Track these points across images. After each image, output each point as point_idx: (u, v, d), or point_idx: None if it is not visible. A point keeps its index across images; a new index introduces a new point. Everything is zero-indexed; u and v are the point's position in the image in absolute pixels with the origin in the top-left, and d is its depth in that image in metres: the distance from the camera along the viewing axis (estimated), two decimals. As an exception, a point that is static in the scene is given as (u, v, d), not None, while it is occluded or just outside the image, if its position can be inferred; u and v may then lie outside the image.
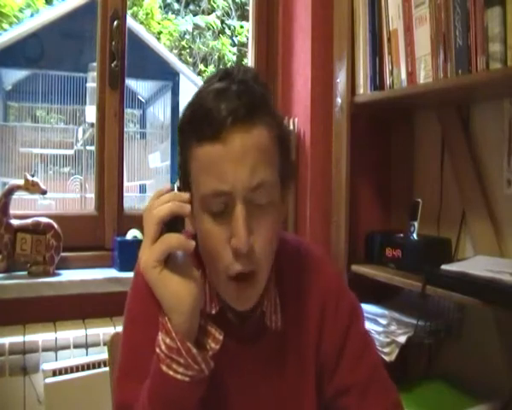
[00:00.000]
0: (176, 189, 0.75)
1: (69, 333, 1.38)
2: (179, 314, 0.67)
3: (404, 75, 1.30)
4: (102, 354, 1.33)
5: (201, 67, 8.96)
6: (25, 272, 1.44)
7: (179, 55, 8.78)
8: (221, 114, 0.68)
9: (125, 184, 1.86)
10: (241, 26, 8.98)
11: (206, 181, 0.70)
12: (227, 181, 0.69)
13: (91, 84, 5.13)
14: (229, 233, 0.70)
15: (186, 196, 0.70)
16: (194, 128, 0.71)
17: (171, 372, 0.67)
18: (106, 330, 1.40)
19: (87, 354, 1.37)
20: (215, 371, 0.78)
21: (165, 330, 0.68)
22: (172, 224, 0.68)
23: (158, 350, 0.68)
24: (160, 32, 8.72)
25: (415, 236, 1.37)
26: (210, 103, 0.70)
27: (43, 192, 1.48)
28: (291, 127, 1.65)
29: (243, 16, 8.94)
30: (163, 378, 0.67)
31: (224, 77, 0.73)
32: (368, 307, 1.39)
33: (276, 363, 0.82)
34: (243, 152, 0.69)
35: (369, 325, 1.36)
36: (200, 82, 7.62)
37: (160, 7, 9.06)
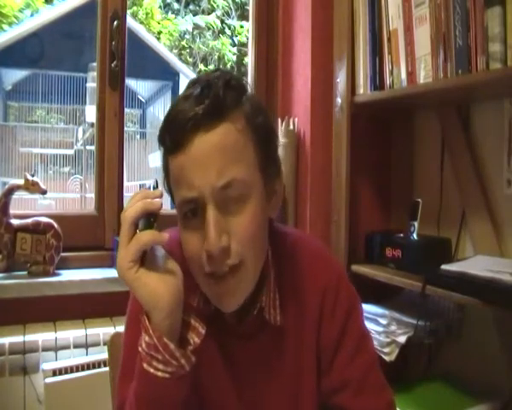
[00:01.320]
0: (151, 188, 0.74)
1: (69, 333, 1.38)
2: (159, 311, 0.67)
3: (404, 75, 1.30)
4: (102, 354, 1.34)
5: (201, 66, 8.95)
6: (25, 272, 1.44)
7: (179, 55, 8.78)
8: (182, 122, 0.68)
9: (125, 184, 1.86)
10: (241, 26, 8.98)
11: (177, 191, 0.72)
12: (193, 187, 0.69)
13: (91, 84, 5.13)
14: (203, 238, 0.69)
15: (158, 192, 0.70)
16: (163, 143, 0.73)
17: (151, 370, 0.67)
18: (106, 330, 1.40)
19: (87, 354, 1.37)
20: (215, 369, 0.78)
21: (144, 329, 0.68)
22: (147, 222, 0.68)
23: (140, 349, 0.68)
24: (159, 32, 8.72)
25: (415, 236, 1.37)
26: (174, 113, 0.70)
27: (43, 192, 1.48)
28: (291, 127, 1.66)
29: (243, 16, 8.94)
30: (145, 376, 0.68)
31: (192, 84, 0.72)
32: (368, 307, 1.39)
33: (275, 358, 0.82)
34: (204, 155, 0.68)
35: (369, 325, 1.35)
36: (200, 82, 7.62)
37: (160, 7, 9.06)
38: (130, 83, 6.64)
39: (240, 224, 0.70)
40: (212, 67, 8.83)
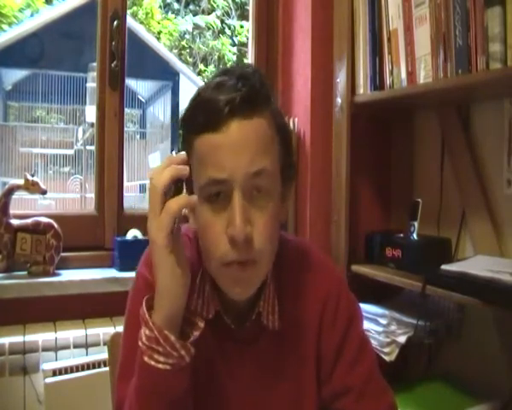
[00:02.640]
0: (174, 154, 0.74)
1: (69, 333, 1.37)
2: (169, 297, 0.68)
3: (404, 75, 1.30)
4: (102, 354, 1.33)
5: (201, 66, 8.96)
6: (25, 272, 1.44)
7: (179, 55, 8.78)
8: (219, 104, 0.69)
9: (125, 184, 1.86)
10: (241, 26, 8.98)
11: (203, 170, 0.71)
12: (224, 169, 0.69)
13: (91, 84, 5.12)
14: (226, 222, 0.70)
15: (182, 155, 0.70)
16: (193, 121, 0.72)
17: (152, 362, 0.67)
18: (106, 330, 1.40)
19: (87, 354, 1.37)
20: (214, 373, 0.78)
21: (144, 322, 0.68)
22: (176, 188, 0.68)
23: (140, 343, 0.69)
24: (159, 32, 8.72)
25: (415, 236, 1.37)
26: (208, 95, 0.71)
27: (43, 192, 1.48)
28: (291, 127, 1.65)
29: (243, 16, 8.94)
30: (146, 370, 0.68)
31: (224, 73, 0.74)
32: (368, 307, 1.39)
33: (275, 364, 0.82)
34: (242, 140, 0.70)
35: (369, 325, 1.36)
36: (200, 82, 7.64)
37: (160, 7, 9.06)
38: (131, 83, 6.63)
39: (262, 218, 0.71)
40: (212, 67, 8.83)
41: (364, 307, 1.36)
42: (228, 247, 0.70)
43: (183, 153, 0.71)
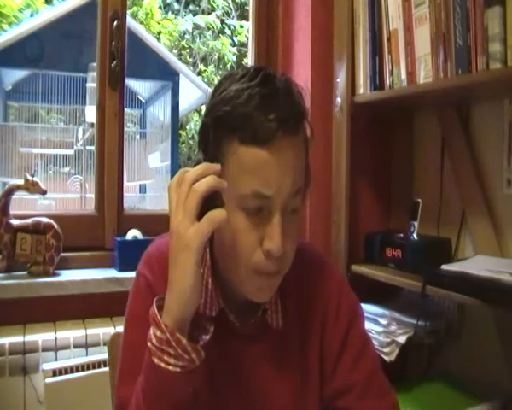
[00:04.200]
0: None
1: (69, 333, 1.38)
2: (183, 302, 0.68)
3: (404, 75, 1.30)
4: (102, 354, 1.33)
5: (201, 67, 8.95)
6: (25, 272, 1.44)
7: (179, 55, 8.77)
8: (272, 124, 0.69)
9: (125, 184, 1.86)
10: (241, 26, 8.98)
11: (247, 181, 0.70)
12: (271, 186, 0.70)
13: (91, 84, 5.11)
14: (262, 234, 0.72)
15: (217, 166, 0.69)
16: (237, 128, 0.70)
17: (162, 364, 0.67)
18: (106, 330, 1.40)
19: (87, 354, 1.37)
20: (217, 370, 0.78)
21: (155, 323, 0.68)
22: (210, 200, 0.68)
23: (149, 344, 0.68)
24: (159, 32, 8.72)
25: (415, 236, 1.37)
26: (257, 110, 0.69)
27: (43, 192, 1.48)
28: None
29: (243, 16, 8.94)
30: (155, 371, 0.68)
31: (266, 82, 0.72)
32: (368, 307, 1.39)
33: (278, 362, 0.82)
34: (289, 159, 0.71)
35: (369, 325, 1.36)
36: (200, 82, 7.63)
37: (160, 7, 9.06)
38: (130, 83, 6.63)
39: (292, 234, 0.74)
40: (212, 67, 8.83)
41: (364, 307, 1.35)
42: (262, 258, 0.72)
43: (219, 165, 0.70)
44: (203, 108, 4.89)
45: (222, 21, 9.18)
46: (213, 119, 0.73)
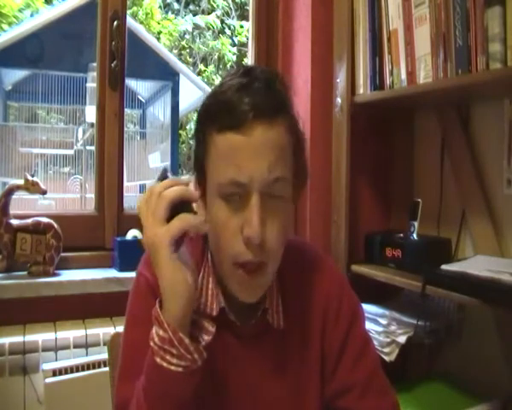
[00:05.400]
0: (162, 175, 0.75)
1: (69, 333, 1.37)
2: (176, 301, 0.68)
3: (404, 75, 1.30)
4: (102, 354, 1.33)
5: (201, 67, 8.95)
6: (25, 272, 1.44)
7: (179, 55, 8.78)
8: (244, 106, 0.70)
9: (125, 184, 1.86)
10: (241, 26, 8.98)
11: (224, 169, 0.72)
12: (245, 172, 0.70)
13: (91, 84, 5.11)
14: (241, 222, 0.71)
15: (189, 180, 0.72)
16: (215, 117, 0.73)
17: (164, 364, 0.67)
18: (106, 330, 1.40)
19: (87, 354, 1.37)
20: (217, 369, 0.78)
21: (157, 323, 0.68)
22: (180, 207, 0.69)
23: (152, 343, 0.68)
24: (159, 32, 8.72)
25: (415, 236, 1.37)
26: (233, 95, 0.72)
27: (43, 192, 1.48)
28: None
29: (243, 16, 8.94)
30: (157, 371, 0.68)
31: (247, 73, 0.74)
32: (368, 307, 1.39)
33: (279, 361, 0.82)
34: (264, 146, 0.71)
35: (369, 325, 1.36)
36: (200, 82, 7.63)
37: (160, 7, 9.06)
38: (131, 83, 6.63)
39: (275, 223, 0.73)
40: (212, 67, 8.83)
41: (364, 307, 1.34)
42: (242, 247, 0.71)
43: (189, 178, 0.73)
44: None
45: (222, 21, 9.19)
46: (198, 114, 0.77)
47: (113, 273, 1.50)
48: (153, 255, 0.69)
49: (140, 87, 7.39)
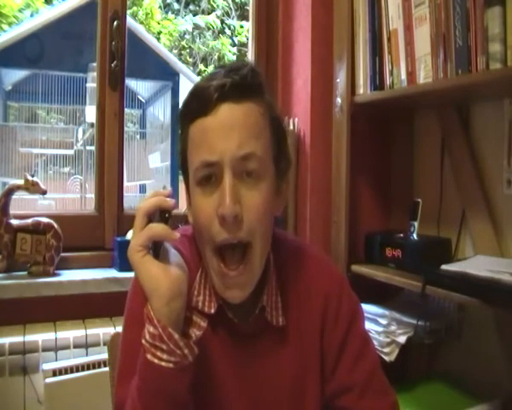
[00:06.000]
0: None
1: (69, 333, 1.38)
2: (157, 298, 0.68)
3: (404, 75, 1.30)
4: (102, 354, 1.33)
5: (201, 67, 8.96)
6: (25, 272, 1.44)
7: (179, 55, 8.78)
8: (209, 89, 0.73)
9: (125, 184, 1.86)
10: (241, 26, 8.99)
11: (196, 154, 0.75)
12: (215, 151, 0.72)
13: (91, 85, 5.12)
14: (217, 204, 0.72)
15: (167, 191, 0.73)
16: (187, 110, 0.77)
17: (155, 360, 0.67)
18: (106, 330, 1.40)
19: (87, 354, 1.37)
20: (216, 367, 0.78)
21: (148, 320, 0.69)
22: (162, 217, 0.72)
23: (143, 341, 0.69)
24: (159, 32, 8.73)
25: (415, 236, 1.37)
26: (200, 84, 0.76)
27: (43, 192, 1.48)
28: (291, 127, 1.65)
29: (243, 16, 8.94)
30: (149, 368, 0.68)
31: (218, 68, 0.78)
32: (368, 307, 1.39)
33: (278, 359, 0.82)
34: (231, 122, 0.73)
35: (369, 325, 1.36)
36: (200, 82, 7.61)
37: (160, 7, 9.06)
38: (131, 83, 6.63)
39: (252, 200, 0.73)
40: (212, 67, 8.83)
41: (364, 307, 1.35)
42: (218, 227, 0.72)
43: (168, 189, 0.74)
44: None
45: (222, 21, 9.19)
46: (178, 115, 0.81)
47: (112, 273, 1.50)
48: (130, 262, 0.71)
49: (140, 87, 7.39)
